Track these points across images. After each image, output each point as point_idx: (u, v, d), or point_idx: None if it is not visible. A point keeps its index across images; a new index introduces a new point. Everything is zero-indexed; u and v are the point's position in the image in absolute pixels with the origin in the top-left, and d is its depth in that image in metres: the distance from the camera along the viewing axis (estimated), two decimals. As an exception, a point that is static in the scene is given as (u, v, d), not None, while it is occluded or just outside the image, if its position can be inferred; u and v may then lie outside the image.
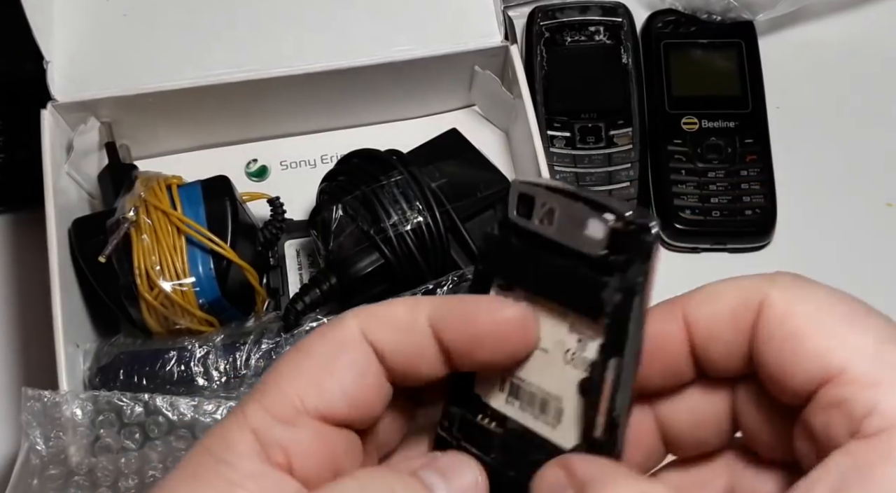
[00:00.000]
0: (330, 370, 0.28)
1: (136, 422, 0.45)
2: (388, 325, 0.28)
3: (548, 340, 0.29)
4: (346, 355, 0.28)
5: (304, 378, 0.28)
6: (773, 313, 0.27)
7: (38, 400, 0.44)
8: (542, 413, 0.29)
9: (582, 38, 0.64)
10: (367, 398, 0.28)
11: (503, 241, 0.29)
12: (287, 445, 0.27)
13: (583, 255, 0.27)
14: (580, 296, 0.28)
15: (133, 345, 0.49)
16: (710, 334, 0.28)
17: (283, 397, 0.27)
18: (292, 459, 0.27)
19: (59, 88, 0.52)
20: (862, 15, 0.67)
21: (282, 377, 0.28)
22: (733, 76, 0.63)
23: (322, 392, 0.27)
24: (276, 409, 0.27)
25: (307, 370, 0.28)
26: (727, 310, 0.28)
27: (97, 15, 0.55)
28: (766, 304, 0.27)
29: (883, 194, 0.61)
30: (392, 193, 0.49)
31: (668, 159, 0.60)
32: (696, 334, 0.28)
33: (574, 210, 0.27)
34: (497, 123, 0.60)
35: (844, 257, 0.59)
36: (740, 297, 0.28)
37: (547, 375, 0.29)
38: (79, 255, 0.50)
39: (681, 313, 0.28)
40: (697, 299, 0.28)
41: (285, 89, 0.55)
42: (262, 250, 0.53)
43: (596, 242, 0.27)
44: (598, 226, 0.27)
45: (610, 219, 0.27)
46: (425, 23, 0.55)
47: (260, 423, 0.27)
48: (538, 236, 0.28)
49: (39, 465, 0.44)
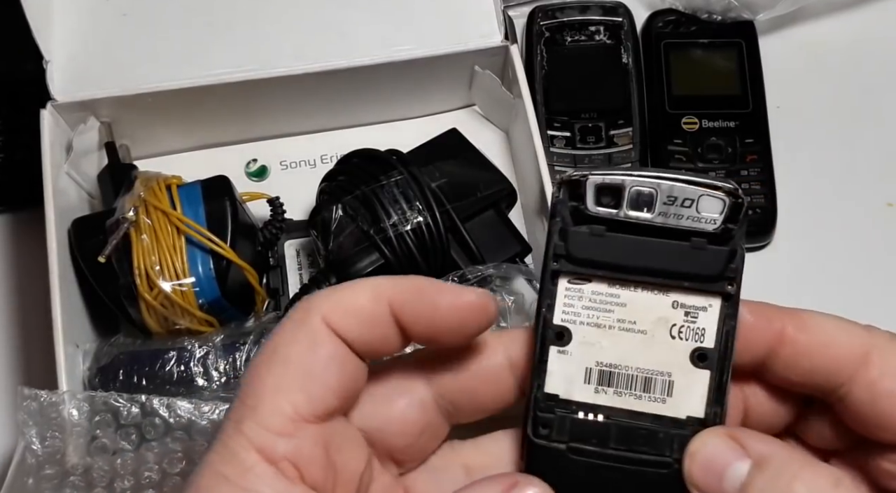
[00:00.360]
0: (312, 373, 0.28)
1: (132, 423, 0.44)
2: (351, 314, 0.29)
3: (644, 321, 0.30)
4: (321, 352, 0.29)
5: (292, 388, 0.28)
6: (888, 372, 0.29)
7: (35, 400, 0.44)
8: (647, 392, 0.30)
9: (582, 38, 0.64)
10: (352, 382, 0.29)
11: (585, 234, 0.30)
12: (294, 456, 0.28)
13: (695, 232, 0.30)
14: (698, 269, 0.30)
15: (133, 345, 0.49)
16: (803, 358, 0.30)
17: (276, 411, 0.28)
18: (301, 468, 0.28)
19: (58, 88, 0.52)
20: (862, 15, 0.67)
21: (268, 389, 0.28)
22: (734, 76, 0.63)
23: (312, 396, 0.28)
24: (274, 424, 0.28)
25: (291, 378, 0.28)
26: (832, 346, 0.30)
27: (97, 15, 0.55)
28: (873, 358, 0.30)
29: (883, 194, 0.61)
30: (392, 193, 0.49)
31: (668, 159, 0.60)
32: (789, 350, 0.30)
33: (682, 192, 0.30)
34: (497, 122, 0.60)
35: (845, 257, 0.59)
36: (849, 342, 0.30)
37: (648, 354, 0.30)
38: (78, 255, 0.50)
39: (780, 324, 0.30)
40: (806, 324, 0.31)
41: (285, 89, 0.55)
42: (262, 250, 0.53)
43: (713, 218, 0.30)
44: (715, 203, 0.29)
45: (724, 196, 0.29)
46: (425, 23, 0.55)
47: (263, 441, 0.27)
48: (628, 224, 0.30)
49: (35, 465, 0.44)
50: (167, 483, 0.44)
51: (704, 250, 0.30)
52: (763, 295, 0.59)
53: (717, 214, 0.29)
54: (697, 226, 0.30)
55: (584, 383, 0.30)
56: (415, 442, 0.32)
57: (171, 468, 0.44)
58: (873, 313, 0.57)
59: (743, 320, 0.30)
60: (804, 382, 0.30)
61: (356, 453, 0.30)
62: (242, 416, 0.28)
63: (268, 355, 0.29)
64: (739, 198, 0.29)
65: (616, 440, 0.30)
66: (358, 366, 0.30)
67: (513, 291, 0.49)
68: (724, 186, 0.29)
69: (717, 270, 0.30)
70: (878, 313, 0.57)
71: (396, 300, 0.29)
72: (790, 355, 0.30)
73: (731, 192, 0.29)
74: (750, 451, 0.28)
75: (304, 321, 0.29)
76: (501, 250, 0.51)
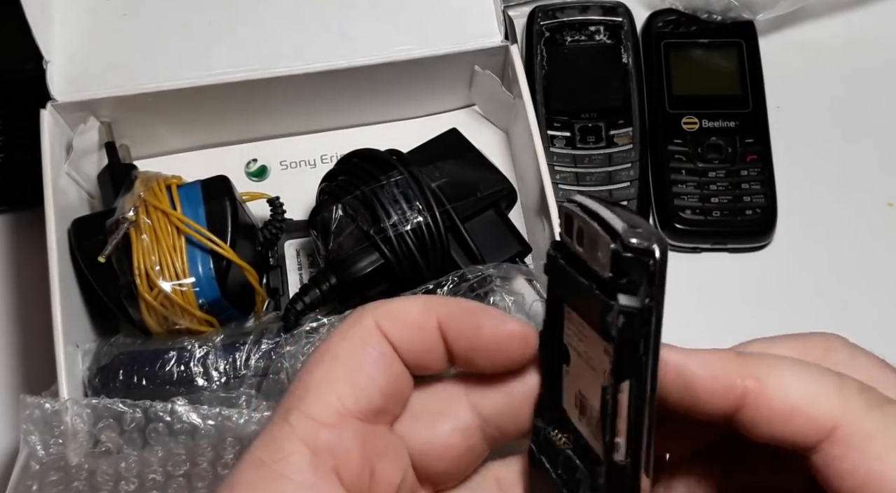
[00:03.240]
0: (360, 368, 0.29)
1: (135, 429, 0.44)
2: (402, 322, 0.30)
3: (594, 358, 0.29)
4: (371, 351, 0.29)
5: (339, 380, 0.29)
6: (850, 451, 0.27)
7: (38, 408, 0.44)
8: (597, 429, 0.29)
9: (582, 38, 0.64)
10: (398, 385, 0.30)
11: (554, 261, 0.29)
12: (333, 447, 0.28)
13: (598, 277, 0.27)
14: (596, 318, 0.27)
15: (133, 345, 0.49)
16: (765, 424, 0.28)
17: (323, 402, 0.29)
18: (338, 462, 0.28)
19: (58, 88, 0.52)
20: (862, 14, 0.67)
21: (317, 383, 0.29)
22: (734, 76, 0.63)
23: (358, 390, 0.29)
24: (320, 414, 0.28)
25: (340, 372, 0.29)
26: (795, 415, 0.28)
27: (97, 15, 0.55)
28: (838, 434, 0.27)
29: (884, 194, 0.61)
30: (392, 193, 0.49)
31: (668, 159, 0.60)
32: (750, 415, 0.28)
33: (591, 231, 0.27)
34: (497, 122, 0.60)
35: (845, 257, 0.59)
36: (814, 414, 0.27)
37: (594, 392, 0.29)
38: (78, 255, 0.50)
39: (741, 389, 0.28)
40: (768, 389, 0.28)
41: (285, 89, 0.55)
42: (262, 250, 0.52)
43: (604, 265, 0.26)
44: (605, 248, 0.26)
45: (613, 242, 0.26)
46: (425, 23, 0.55)
47: (307, 431, 0.28)
48: (576, 257, 0.28)
49: (39, 470, 0.44)
50: (171, 485, 0.44)
51: (596, 299, 0.27)
52: (763, 295, 0.59)
53: (605, 262, 0.26)
54: (598, 271, 0.27)
55: (574, 405, 0.30)
56: (454, 466, 0.32)
57: (175, 469, 0.44)
58: (873, 313, 0.58)
59: (692, 375, 0.28)
60: (770, 443, 0.28)
61: (396, 464, 0.30)
62: (290, 406, 0.29)
63: (320, 352, 0.30)
64: (629, 249, 0.25)
65: (562, 466, 0.30)
66: (404, 372, 0.30)
67: (513, 291, 0.49)
68: (618, 235, 0.26)
69: (602, 322, 0.27)
70: (878, 313, 0.58)
71: (444, 315, 0.30)
72: (750, 419, 0.28)
73: (620, 241, 0.26)
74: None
75: (357, 323, 0.30)
76: (501, 250, 0.51)
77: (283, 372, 0.47)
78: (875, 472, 0.27)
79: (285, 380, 0.47)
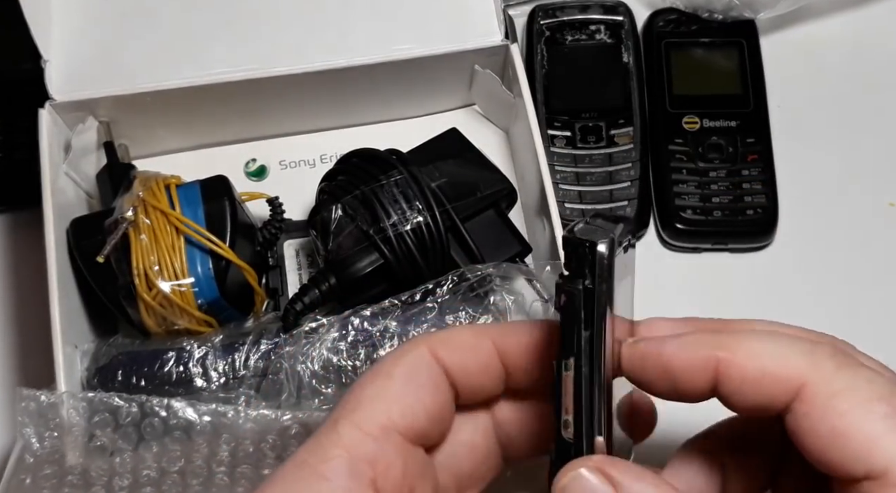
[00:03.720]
0: (410, 389, 0.31)
1: (131, 423, 0.44)
2: (455, 346, 0.32)
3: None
4: (422, 375, 0.31)
5: (390, 397, 0.31)
6: (814, 408, 0.28)
7: (34, 400, 0.44)
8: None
9: (583, 37, 0.64)
10: (443, 412, 0.32)
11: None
12: (374, 458, 0.30)
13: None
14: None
15: (131, 345, 0.49)
16: (739, 395, 0.29)
17: (372, 415, 0.30)
18: (378, 473, 0.30)
19: (57, 88, 0.52)
20: (863, 14, 0.67)
21: (369, 397, 0.31)
22: (734, 75, 0.63)
23: (405, 409, 0.31)
24: (367, 425, 0.30)
25: (391, 391, 0.31)
26: (765, 381, 0.29)
27: (96, 14, 0.54)
28: (805, 392, 0.28)
29: (885, 194, 0.61)
30: (392, 192, 0.49)
31: (669, 159, 0.60)
32: (726, 387, 0.29)
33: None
34: (497, 122, 0.60)
35: (846, 257, 0.59)
36: (781, 375, 0.28)
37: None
38: (77, 255, 0.49)
39: (714, 361, 0.29)
40: (737, 358, 0.29)
41: (285, 89, 0.55)
42: (262, 250, 0.52)
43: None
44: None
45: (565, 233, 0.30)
46: (425, 22, 0.55)
47: (351, 439, 0.30)
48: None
49: (34, 464, 0.44)
50: (165, 481, 0.44)
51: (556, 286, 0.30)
52: (763, 295, 0.59)
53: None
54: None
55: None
56: (478, 468, 0.34)
57: (170, 466, 0.44)
58: (874, 314, 0.58)
59: (669, 358, 0.30)
60: (751, 413, 0.30)
61: (431, 488, 0.32)
62: (339, 416, 0.30)
63: (374, 371, 0.32)
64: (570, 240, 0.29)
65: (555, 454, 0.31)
66: (451, 398, 0.32)
67: (513, 291, 0.49)
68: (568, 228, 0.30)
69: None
70: (878, 313, 0.58)
71: (498, 335, 0.32)
72: (727, 390, 0.29)
73: (570, 233, 0.29)
74: (615, 482, 0.28)
75: (411, 349, 0.32)
76: (501, 250, 0.51)
77: (282, 372, 0.47)
78: (837, 429, 0.27)
79: (284, 380, 0.47)
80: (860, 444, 0.27)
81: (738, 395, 0.29)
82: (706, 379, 0.29)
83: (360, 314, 0.48)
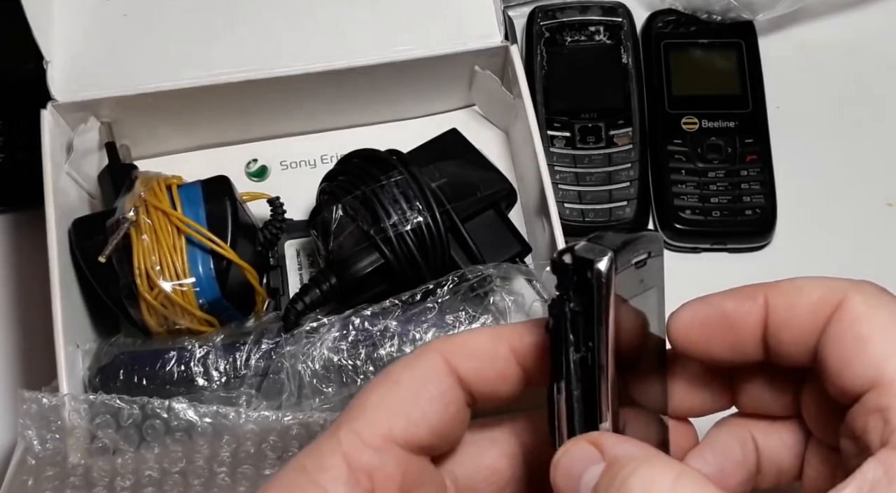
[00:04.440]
0: (416, 401, 0.30)
1: (132, 425, 0.44)
2: (471, 354, 0.31)
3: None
4: (431, 386, 0.31)
5: (393, 407, 0.30)
6: (848, 315, 0.29)
7: (35, 402, 0.44)
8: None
9: (582, 38, 0.64)
10: (449, 426, 0.31)
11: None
12: (373, 470, 0.29)
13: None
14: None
15: (133, 345, 0.49)
16: (786, 322, 0.30)
17: (373, 425, 0.30)
18: (375, 484, 0.29)
19: (59, 88, 0.52)
20: (862, 15, 0.67)
21: (373, 405, 0.30)
22: (733, 76, 0.63)
23: (408, 422, 0.30)
24: (367, 435, 0.30)
25: (396, 400, 0.30)
26: (809, 302, 0.30)
27: (97, 15, 0.55)
28: (843, 305, 0.29)
29: (883, 194, 0.61)
30: (392, 193, 0.49)
31: (668, 159, 0.60)
32: (774, 318, 0.30)
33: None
34: (497, 123, 0.60)
35: (845, 258, 0.59)
36: (823, 293, 0.30)
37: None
38: (79, 255, 0.50)
39: (762, 297, 0.31)
40: (783, 288, 0.31)
41: (285, 89, 0.55)
42: (262, 250, 0.53)
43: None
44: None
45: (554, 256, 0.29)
46: (425, 23, 0.55)
47: (351, 448, 0.29)
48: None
49: (35, 465, 0.44)
50: (167, 482, 0.44)
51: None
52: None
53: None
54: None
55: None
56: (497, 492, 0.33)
57: (172, 466, 0.45)
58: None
59: (726, 308, 0.31)
60: (794, 352, 0.30)
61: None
62: (342, 422, 0.30)
63: (383, 375, 0.31)
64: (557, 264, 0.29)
65: None
66: (461, 409, 0.31)
67: (513, 291, 0.49)
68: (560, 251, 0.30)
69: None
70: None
71: (515, 338, 0.31)
72: (776, 326, 0.30)
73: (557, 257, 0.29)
74: (606, 454, 0.28)
75: (422, 355, 0.31)
76: (501, 250, 0.51)
77: (283, 372, 0.47)
78: (863, 335, 0.28)
79: (285, 380, 0.47)
80: (878, 351, 0.28)
81: (787, 331, 0.30)
82: (757, 322, 0.30)
83: (360, 314, 0.48)
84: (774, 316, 0.30)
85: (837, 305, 0.29)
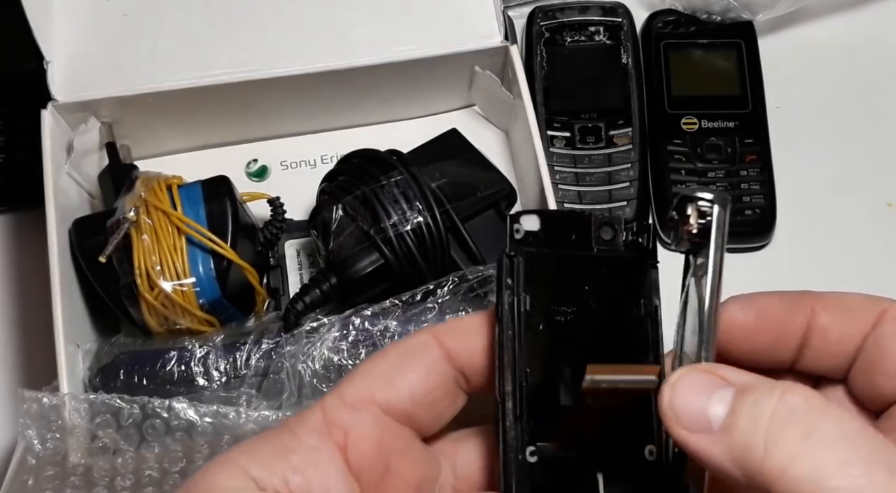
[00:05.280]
0: (399, 369, 0.32)
1: (133, 425, 0.45)
2: (462, 332, 0.32)
3: None
4: (416, 357, 0.32)
5: (377, 374, 0.32)
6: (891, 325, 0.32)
7: (35, 402, 0.44)
8: None
9: (582, 39, 0.64)
10: (432, 397, 0.32)
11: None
12: (348, 426, 0.31)
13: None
14: None
15: (133, 345, 0.49)
16: (831, 328, 0.32)
17: (355, 388, 0.31)
18: (349, 440, 0.30)
19: (59, 89, 0.52)
20: (862, 15, 0.67)
21: (359, 372, 0.32)
22: (733, 76, 0.63)
23: (390, 387, 0.31)
24: (348, 396, 0.31)
25: (380, 368, 0.32)
26: (852, 311, 0.32)
27: (97, 15, 0.55)
28: (887, 314, 0.32)
29: (883, 195, 0.61)
30: (392, 193, 0.49)
31: (667, 159, 0.60)
32: (819, 324, 0.32)
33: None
34: (497, 123, 0.60)
35: (844, 258, 0.59)
36: (866, 304, 0.32)
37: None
38: (79, 255, 0.50)
39: (810, 305, 0.33)
40: (828, 297, 0.33)
41: (285, 89, 0.55)
42: (263, 250, 0.53)
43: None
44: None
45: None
46: (425, 23, 0.55)
47: (332, 406, 0.31)
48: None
49: (36, 465, 0.44)
50: (167, 482, 0.44)
51: None
52: (762, 295, 0.59)
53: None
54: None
55: None
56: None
57: (172, 466, 0.45)
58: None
59: (777, 310, 0.33)
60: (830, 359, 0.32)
61: (420, 470, 0.32)
62: (331, 390, 0.32)
63: (374, 353, 0.33)
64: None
65: None
66: (447, 382, 0.32)
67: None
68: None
69: None
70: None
71: None
72: (822, 331, 0.32)
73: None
74: (730, 381, 0.28)
75: (415, 336, 0.33)
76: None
77: (283, 372, 0.47)
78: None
79: (285, 380, 0.47)
80: None
81: (834, 333, 0.32)
82: (802, 323, 0.32)
83: (360, 314, 0.48)
84: (821, 322, 0.32)
85: (880, 314, 0.31)
